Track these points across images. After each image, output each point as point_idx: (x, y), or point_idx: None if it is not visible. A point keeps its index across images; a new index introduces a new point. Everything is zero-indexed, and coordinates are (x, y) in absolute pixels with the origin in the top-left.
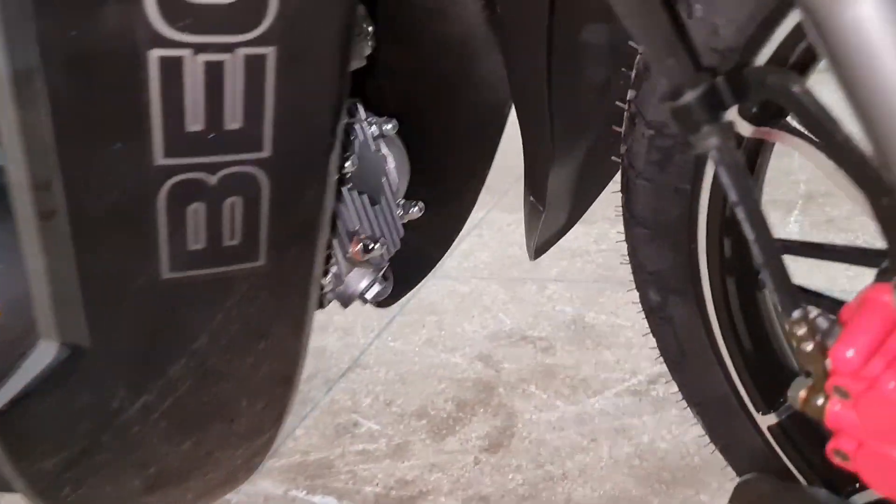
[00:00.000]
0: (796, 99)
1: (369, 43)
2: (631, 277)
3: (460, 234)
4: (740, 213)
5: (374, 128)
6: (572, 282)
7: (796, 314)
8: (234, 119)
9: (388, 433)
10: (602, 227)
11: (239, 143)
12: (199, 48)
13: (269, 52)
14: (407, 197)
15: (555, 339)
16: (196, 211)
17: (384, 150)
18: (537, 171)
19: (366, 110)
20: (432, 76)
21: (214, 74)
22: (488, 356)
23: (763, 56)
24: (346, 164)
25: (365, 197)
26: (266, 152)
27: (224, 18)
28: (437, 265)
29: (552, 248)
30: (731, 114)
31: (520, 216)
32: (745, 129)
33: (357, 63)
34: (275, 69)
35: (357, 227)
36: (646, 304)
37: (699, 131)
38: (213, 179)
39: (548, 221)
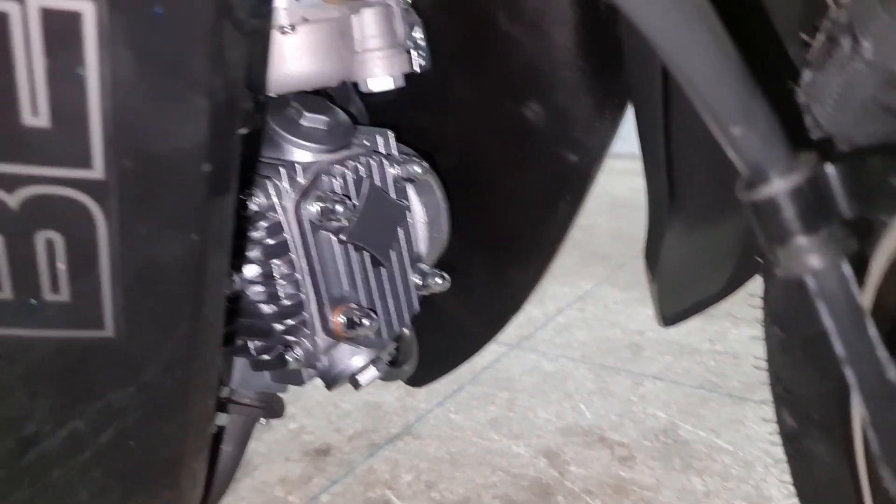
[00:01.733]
0: None
1: (419, 59)
2: (746, 392)
3: (562, 306)
4: (849, 375)
5: (395, 168)
6: (673, 383)
7: None
8: (34, 111)
9: None
10: (721, 325)
11: (50, 151)
12: None
13: (85, 8)
14: (448, 262)
15: (637, 449)
16: None
17: (411, 197)
18: (651, 235)
19: (404, 144)
20: (506, 117)
21: None
22: (556, 453)
23: None
24: (339, 209)
25: (365, 256)
26: (97, 172)
27: None
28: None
29: (658, 338)
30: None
31: (631, 295)
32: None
33: (395, 82)
34: (96, 31)
35: (345, 293)
36: (781, 426)
37: (788, 244)
38: (11, 201)
39: (662, 296)
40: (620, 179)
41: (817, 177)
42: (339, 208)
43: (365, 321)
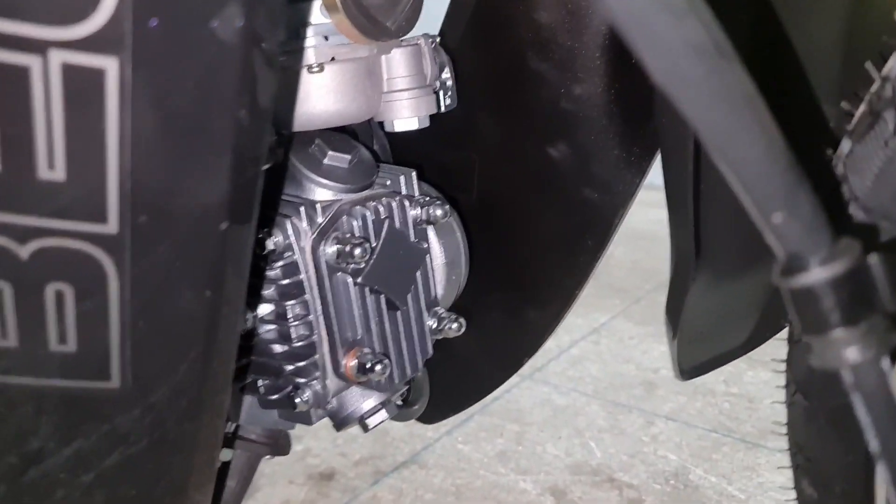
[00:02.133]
0: None
1: (446, 99)
2: (760, 438)
3: (576, 338)
4: (882, 470)
5: (416, 209)
6: (686, 424)
7: None
8: (50, 165)
9: None
10: (737, 367)
11: (64, 205)
12: None
13: (109, 65)
14: (465, 301)
15: (647, 491)
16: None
17: (431, 238)
18: (674, 289)
19: (426, 182)
20: (531, 157)
21: (13, 86)
22: (563, 491)
23: None
24: (357, 252)
25: (381, 299)
26: (111, 227)
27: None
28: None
29: (672, 377)
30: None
31: (646, 331)
32: None
33: (420, 122)
34: (118, 88)
35: (359, 337)
36: (799, 495)
37: (825, 335)
38: (22, 252)
39: (682, 350)
40: (640, 210)
41: (859, 267)
42: (356, 251)
43: (377, 367)
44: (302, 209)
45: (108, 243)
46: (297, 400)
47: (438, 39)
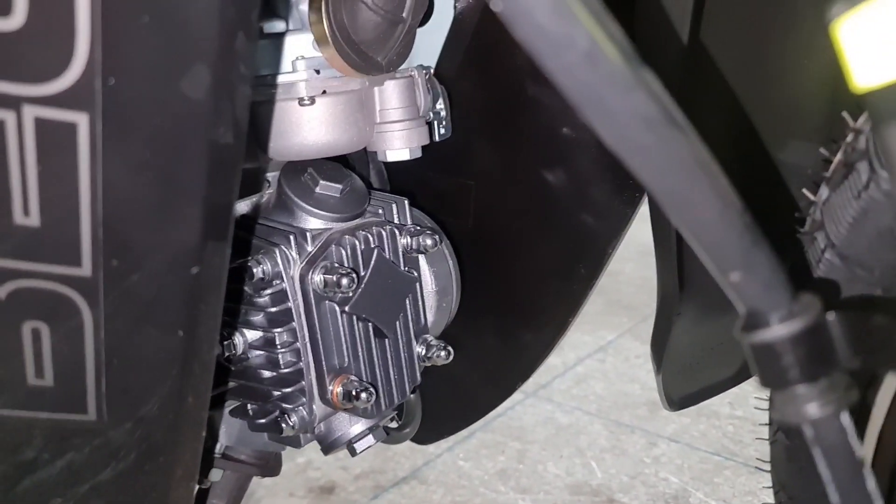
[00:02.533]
0: None
1: (439, 129)
2: (763, 463)
3: (581, 355)
4: None
5: (407, 239)
6: (688, 446)
7: None
8: (26, 211)
9: None
10: (742, 389)
11: (39, 249)
12: None
13: (80, 119)
14: (458, 325)
15: None
16: None
17: (422, 266)
18: (659, 323)
19: (419, 208)
20: (527, 183)
21: None
22: None
23: None
24: (344, 282)
25: (369, 327)
26: (85, 269)
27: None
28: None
29: None
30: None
31: None
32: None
33: (413, 153)
34: (88, 142)
35: (346, 364)
36: None
37: (786, 390)
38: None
39: (670, 381)
40: (649, 227)
41: (818, 325)
42: (343, 281)
43: (363, 394)
44: (292, 237)
45: (82, 285)
46: (284, 425)
47: (433, 70)
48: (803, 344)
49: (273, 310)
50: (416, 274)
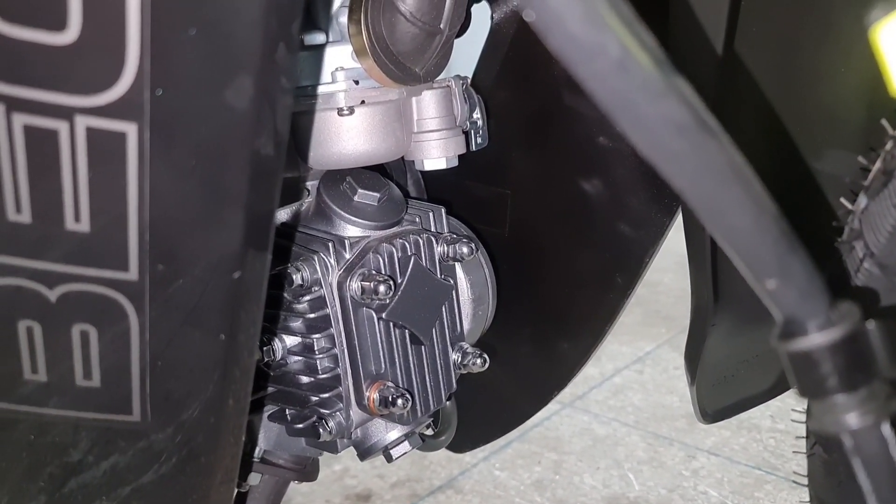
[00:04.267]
0: None
1: (476, 138)
2: (803, 477)
3: (619, 366)
4: None
5: (443, 247)
6: (728, 460)
7: None
8: (77, 217)
9: None
10: (784, 402)
11: (89, 253)
12: (14, 104)
13: (129, 129)
14: (495, 334)
15: None
16: (30, 331)
17: (458, 275)
18: (693, 335)
19: (457, 216)
20: (564, 192)
21: (43, 147)
22: None
23: None
24: (381, 289)
25: (406, 334)
26: (132, 274)
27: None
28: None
29: None
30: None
31: None
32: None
33: (449, 162)
34: (137, 151)
35: (382, 371)
36: None
37: (824, 400)
38: (51, 295)
39: (705, 394)
40: None
41: (858, 333)
42: (381, 288)
43: (399, 401)
44: (331, 245)
45: (129, 289)
46: (322, 430)
47: (470, 80)
48: (842, 352)
49: (311, 316)
50: (452, 282)
